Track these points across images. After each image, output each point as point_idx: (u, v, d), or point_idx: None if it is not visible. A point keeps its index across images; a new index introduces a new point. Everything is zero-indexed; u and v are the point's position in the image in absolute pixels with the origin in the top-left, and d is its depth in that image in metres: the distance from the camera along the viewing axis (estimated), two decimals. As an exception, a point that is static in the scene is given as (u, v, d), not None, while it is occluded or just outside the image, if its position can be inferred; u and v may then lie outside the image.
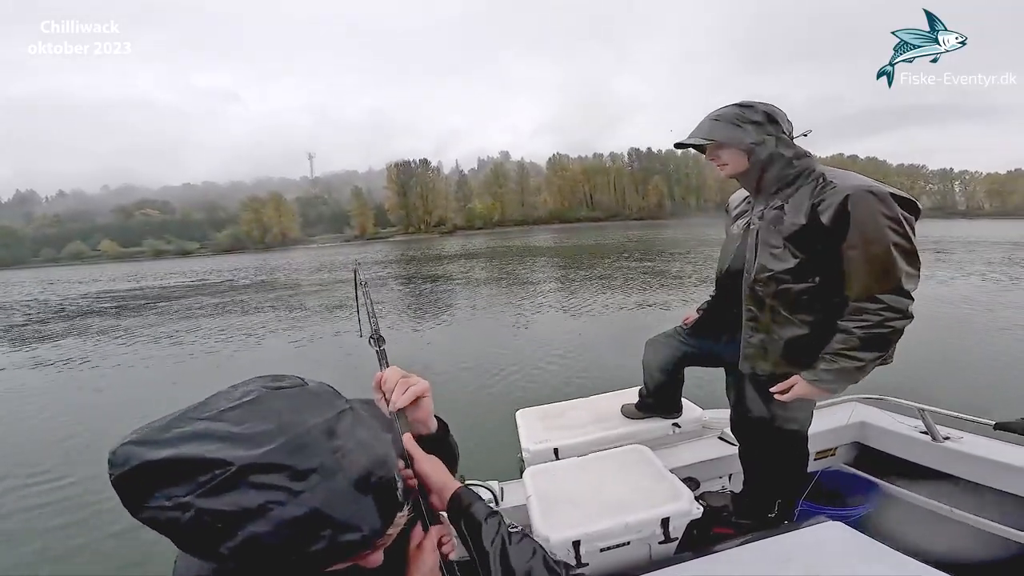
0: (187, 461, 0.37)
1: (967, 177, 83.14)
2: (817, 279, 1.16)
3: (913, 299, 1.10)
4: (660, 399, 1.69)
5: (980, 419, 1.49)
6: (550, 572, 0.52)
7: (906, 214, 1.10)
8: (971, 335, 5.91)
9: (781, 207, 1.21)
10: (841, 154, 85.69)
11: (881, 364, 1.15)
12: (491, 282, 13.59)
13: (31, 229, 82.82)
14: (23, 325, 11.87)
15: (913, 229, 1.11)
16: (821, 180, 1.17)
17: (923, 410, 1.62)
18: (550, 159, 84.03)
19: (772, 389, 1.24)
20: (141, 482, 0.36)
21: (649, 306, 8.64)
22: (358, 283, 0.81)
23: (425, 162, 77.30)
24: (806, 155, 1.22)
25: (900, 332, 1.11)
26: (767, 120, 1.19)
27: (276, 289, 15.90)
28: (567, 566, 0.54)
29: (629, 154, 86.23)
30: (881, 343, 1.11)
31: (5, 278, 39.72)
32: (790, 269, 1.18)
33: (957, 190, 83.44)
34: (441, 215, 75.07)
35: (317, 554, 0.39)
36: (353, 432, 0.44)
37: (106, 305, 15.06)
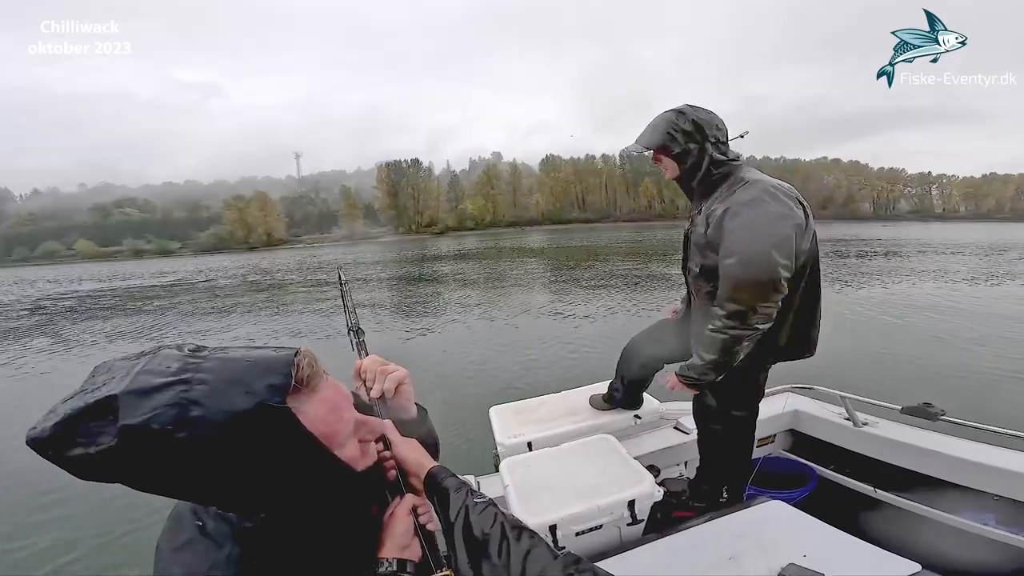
0: (82, 412, 0.37)
1: (944, 181, 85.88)
2: (714, 284, 1.25)
3: (759, 312, 1.15)
4: (629, 394, 1.78)
5: (889, 404, 1.63)
6: (508, 538, 0.53)
7: (784, 232, 1.15)
8: (899, 332, 6.63)
9: (700, 214, 1.31)
10: (825, 157, 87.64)
11: (728, 364, 1.22)
12: (477, 284, 13.63)
13: (4, 228, 79.77)
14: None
15: (788, 247, 1.15)
16: (727, 190, 1.24)
17: (844, 397, 1.76)
18: (543, 160, 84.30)
19: (662, 382, 1.38)
20: (59, 445, 0.37)
21: (631, 306, 8.82)
22: (341, 280, 0.88)
23: (416, 162, 76.77)
24: (725, 163, 1.26)
25: (739, 340, 1.17)
26: (694, 129, 1.25)
27: (261, 290, 15.68)
28: (523, 529, 0.55)
29: (620, 156, 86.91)
30: (721, 346, 1.19)
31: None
32: (699, 272, 1.30)
33: (934, 193, 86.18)
34: (432, 216, 74.64)
35: (263, 412, 0.41)
36: (220, 348, 0.46)
37: (81, 305, 14.67)
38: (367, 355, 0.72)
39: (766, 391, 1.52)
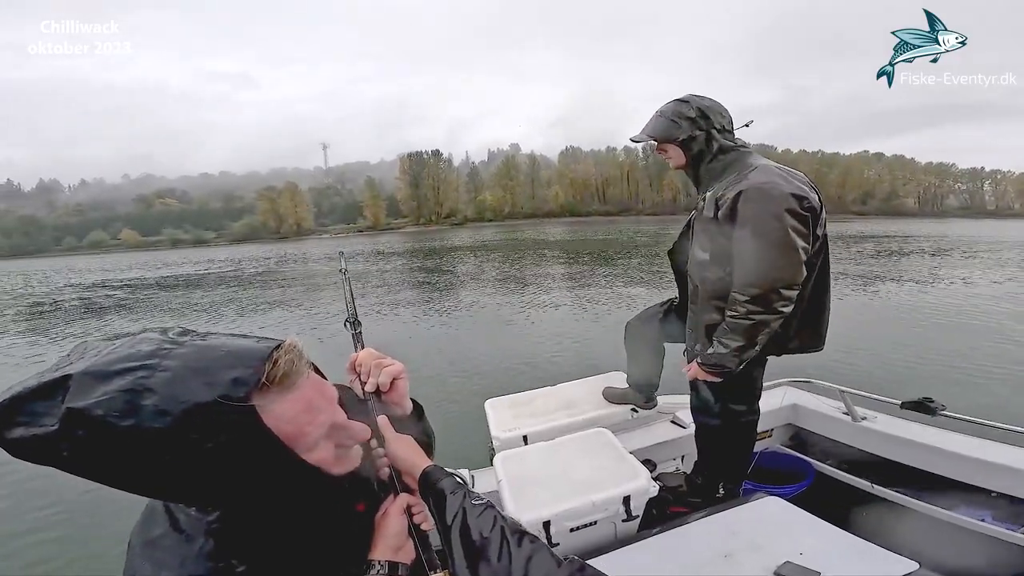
0: (33, 390, 0.36)
1: (998, 177, 79.83)
2: (728, 270, 1.22)
3: (783, 296, 1.13)
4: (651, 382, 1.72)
5: (889, 399, 1.60)
6: (508, 542, 0.51)
7: (801, 213, 1.13)
8: (906, 330, 6.45)
9: (705, 200, 1.28)
10: (867, 151, 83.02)
11: (752, 351, 1.21)
12: (489, 277, 13.63)
13: (53, 218, 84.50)
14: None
15: (805, 229, 1.13)
16: (737, 176, 1.21)
17: (843, 392, 1.72)
18: (562, 152, 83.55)
19: (683, 370, 1.36)
20: (1, 424, 0.35)
21: (642, 303, 8.63)
22: (343, 268, 0.84)
23: (437, 153, 77.35)
24: (733, 149, 1.25)
25: (764, 325, 1.15)
26: (700, 115, 1.24)
27: (275, 279, 16.10)
28: (524, 533, 0.53)
29: (644, 148, 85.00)
30: (745, 332, 1.17)
31: (25, 266, 40.96)
32: (706, 260, 1.27)
33: (987, 190, 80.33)
34: (452, 207, 75.18)
35: (221, 407, 0.38)
36: (203, 334, 0.44)
37: (132, 295, 15.57)
38: (363, 348, 0.70)
39: (765, 385, 1.49)
